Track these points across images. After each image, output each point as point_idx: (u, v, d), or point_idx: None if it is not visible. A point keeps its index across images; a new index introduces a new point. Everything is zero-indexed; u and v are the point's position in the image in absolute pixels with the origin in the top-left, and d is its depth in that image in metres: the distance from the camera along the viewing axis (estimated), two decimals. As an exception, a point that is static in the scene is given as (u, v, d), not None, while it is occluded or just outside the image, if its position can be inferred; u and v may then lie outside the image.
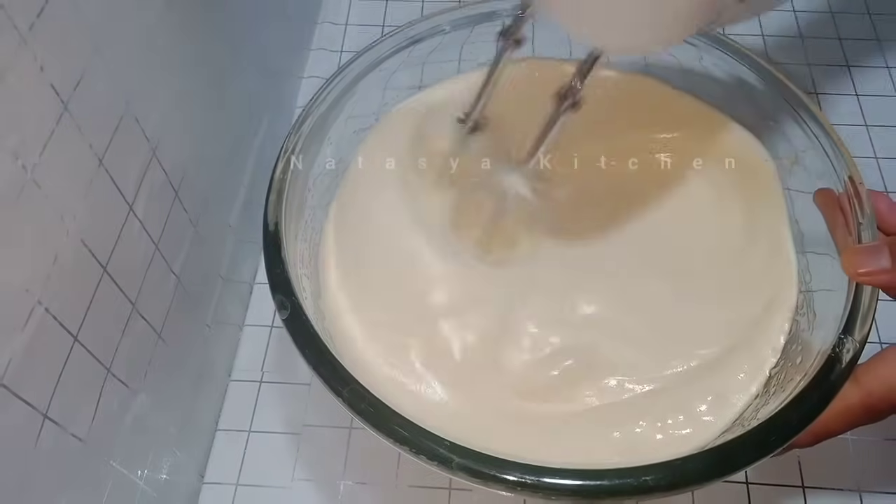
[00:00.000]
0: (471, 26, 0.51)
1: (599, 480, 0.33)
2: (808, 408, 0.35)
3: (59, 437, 0.33)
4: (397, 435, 0.35)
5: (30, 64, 0.29)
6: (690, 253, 0.46)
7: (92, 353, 0.35)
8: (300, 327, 0.38)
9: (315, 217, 0.47)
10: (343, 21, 0.73)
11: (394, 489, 0.49)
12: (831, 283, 0.40)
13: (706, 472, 0.34)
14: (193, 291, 0.46)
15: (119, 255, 0.37)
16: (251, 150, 0.56)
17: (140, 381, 0.41)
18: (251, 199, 0.55)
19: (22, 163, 0.29)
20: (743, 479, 0.48)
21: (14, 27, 0.28)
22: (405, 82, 0.51)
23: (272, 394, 0.53)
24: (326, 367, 0.37)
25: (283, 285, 0.40)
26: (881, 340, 0.52)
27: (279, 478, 0.50)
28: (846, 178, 0.42)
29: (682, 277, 0.45)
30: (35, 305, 0.30)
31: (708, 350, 0.43)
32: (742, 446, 0.35)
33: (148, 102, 0.39)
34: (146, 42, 0.39)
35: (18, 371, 0.29)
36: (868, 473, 0.48)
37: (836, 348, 0.36)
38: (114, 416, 0.38)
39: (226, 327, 0.53)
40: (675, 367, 0.42)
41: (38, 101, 0.30)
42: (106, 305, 0.36)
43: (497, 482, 0.34)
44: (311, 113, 0.46)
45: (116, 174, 0.36)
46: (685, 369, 0.42)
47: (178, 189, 0.43)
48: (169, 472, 0.45)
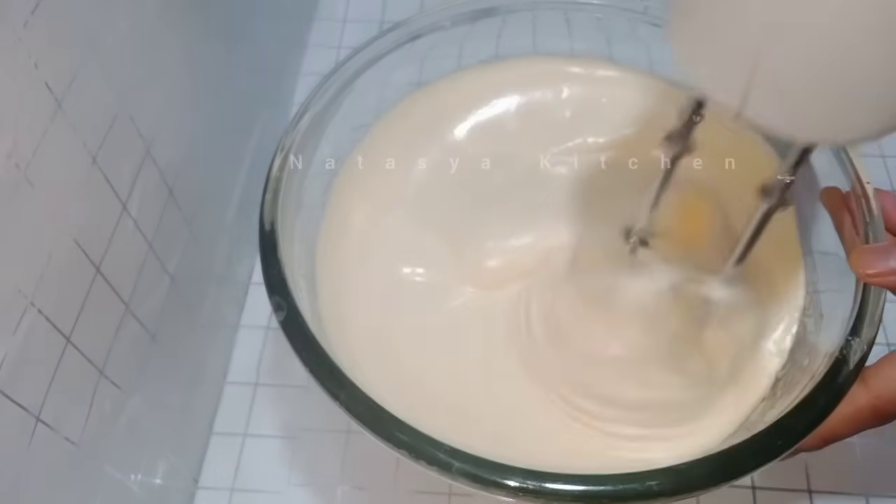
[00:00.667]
0: (470, 22, 0.50)
1: (603, 486, 0.33)
2: (814, 411, 0.35)
3: (52, 441, 0.33)
4: (396, 439, 0.34)
5: (24, 61, 0.29)
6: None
7: (85, 354, 0.35)
8: (297, 329, 0.38)
9: (312, 216, 0.47)
10: (341, 17, 0.73)
11: (392, 494, 0.48)
12: (838, 284, 0.40)
13: (712, 476, 0.33)
14: (188, 292, 0.46)
15: (112, 255, 0.37)
16: (247, 148, 0.56)
17: (134, 383, 0.40)
18: (247, 198, 0.55)
19: (15, 161, 0.29)
20: (749, 483, 0.47)
21: (8, 24, 0.28)
22: (404, 79, 0.51)
23: (268, 397, 0.53)
24: (323, 370, 0.37)
25: (279, 286, 0.39)
26: (888, 342, 0.52)
27: (275, 482, 0.49)
28: (853, 177, 0.41)
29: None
30: (28, 306, 0.30)
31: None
32: (748, 450, 0.34)
33: (142, 100, 0.39)
34: (141, 39, 0.39)
35: (10, 373, 0.29)
36: (875, 477, 0.47)
37: (844, 350, 0.36)
38: (107, 418, 0.38)
39: (221, 328, 0.53)
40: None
41: (31, 99, 0.30)
42: (99, 306, 0.36)
43: (498, 487, 0.33)
44: (309, 110, 0.46)
45: (110, 173, 0.36)
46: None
47: (172, 188, 0.43)
48: (163, 477, 0.45)
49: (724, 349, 0.43)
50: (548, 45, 0.52)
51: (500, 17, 0.50)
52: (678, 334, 0.44)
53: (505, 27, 0.51)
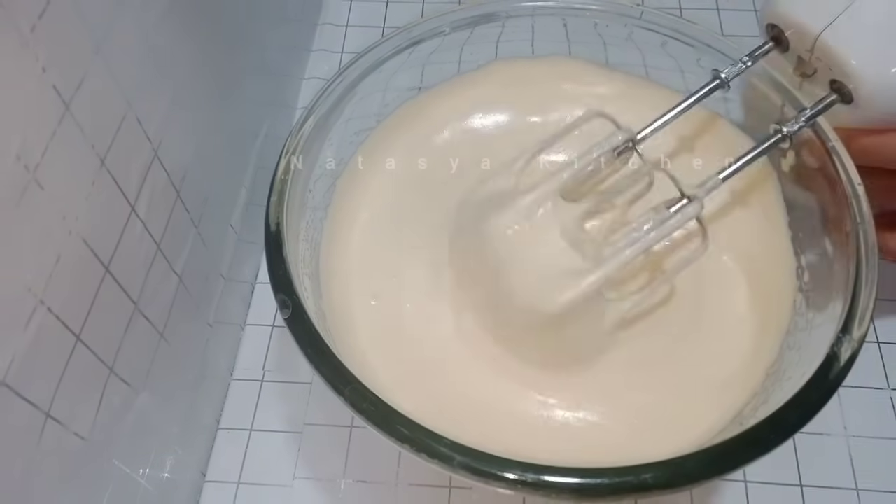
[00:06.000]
0: (471, 27, 0.51)
1: (599, 478, 0.34)
2: (806, 407, 0.35)
3: (62, 436, 0.33)
4: (398, 433, 0.35)
5: (32, 65, 0.29)
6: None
7: (94, 352, 0.35)
8: (302, 327, 0.39)
9: (316, 217, 0.47)
10: (344, 22, 0.73)
11: (394, 487, 0.49)
12: (829, 282, 0.40)
13: (705, 470, 0.34)
14: (195, 291, 0.46)
15: (121, 255, 0.37)
16: (252, 150, 0.56)
17: (142, 379, 0.41)
18: (253, 199, 0.55)
19: (24, 163, 0.29)
20: (741, 477, 0.48)
21: (16, 28, 0.28)
22: (405, 83, 0.51)
23: (273, 392, 0.53)
24: (328, 366, 0.37)
25: (284, 285, 0.40)
26: (879, 340, 0.52)
27: (280, 476, 0.50)
28: (845, 177, 0.42)
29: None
30: (37, 305, 0.30)
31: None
32: (741, 444, 0.35)
33: (150, 103, 0.39)
34: (148, 43, 0.39)
35: (21, 370, 0.29)
36: (867, 472, 0.48)
37: (835, 347, 0.37)
38: (116, 414, 0.38)
39: (227, 326, 0.54)
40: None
41: (39, 102, 0.30)
42: (108, 305, 0.36)
43: (497, 480, 0.34)
44: (312, 114, 0.46)
45: (118, 174, 0.36)
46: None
47: (179, 189, 0.43)
48: (171, 471, 0.45)
49: (717, 344, 0.44)
50: (546, 49, 0.52)
51: (499, 23, 0.51)
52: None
53: (504, 32, 0.52)
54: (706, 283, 0.46)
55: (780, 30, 0.44)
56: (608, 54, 0.52)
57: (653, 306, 0.46)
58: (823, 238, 0.43)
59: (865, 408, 0.50)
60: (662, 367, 0.44)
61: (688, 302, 0.46)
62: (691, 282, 0.46)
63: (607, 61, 0.53)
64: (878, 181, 0.41)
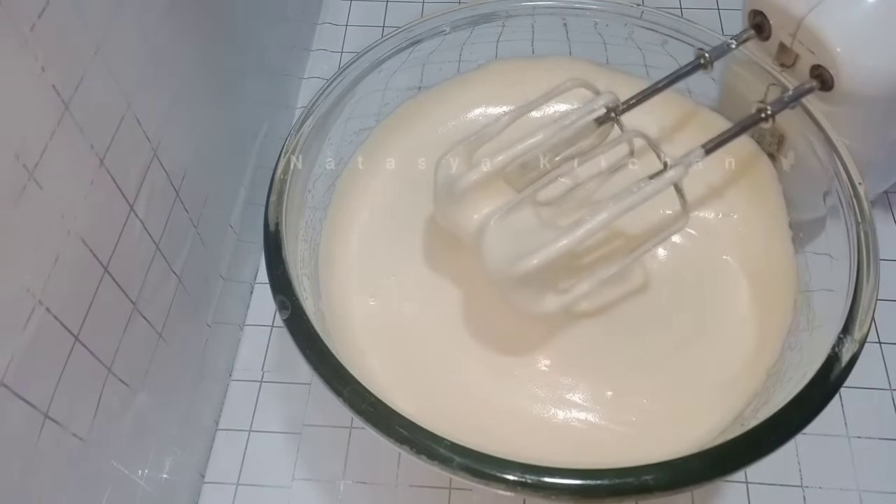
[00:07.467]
0: (471, 27, 0.51)
1: (600, 480, 0.34)
2: (808, 407, 0.35)
3: (60, 437, 0.33)
4: (397, 434, 0.35)
5: (31, 64, 0.29)
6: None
7: (93, 352, 0.35)
8: (301, 327, 0.39)
9: (315, 217, 0.47)
10: (343, 22, 0.73)
11: (394, 489, 0.49)
12: (831, 282, 0.40)
13: (706, 471, 0.34)
14: (194, 291, 0.46)
15: (120, 255, 0.37)
16: (252, 150, 0.56)
17: (141, 380, 0.41)
18: (252, 199, 0.55)
19: (23, 163, 0.29)
20: (743, 478, 0.48)
21: (15, 28, 0.28)
22: (405, 83, 0.51)
23: (272, 393, 0.53)
24: (327, 367, 0.37)
25: (283, 285, 0.40)
26: (880, 340, 0.52)
27: (279, 477, 0.50)
28: (845, 177, 0.42)
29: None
30: (36, 305, 0.30)
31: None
32: (742, 446, 0.35)
33: (149, 103, 0.39)
34: (147, 43, 0.39)
35: (19, 371, 0.29)
36: (868, 473, 0.48)
37: (836, 348, 0.37)
38: (115, 415, 0.38)
39: (226, 327, 0.54)
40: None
41: (39, 102, 0.30)
42: (107, 305, 0.36)
43: (497, 481, 0.34)
44: (312, 113, 0.46)
45: (117, 174, 0.36)
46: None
47: (179, 189, 0.43)
48: (169, 472, 0.45)
49: (719, 344, 0.44)
50: (546, 49, 0.52)
51: (499, 23, 0.51)
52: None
53: (504, 32, 0.52)
54: (708, 284, 0.46)
55: (763, 17, 0.45)
56: (608, 54, 0.52)
57: (644, 281, 0.46)
58: (824, 238, 0.42)
59: (867, 408, 0.50)
60: (663, 368, 0.44)
61: (690, 302, 0.46)
62: (693, 282, 0.46)
63: (607, 61, 0.53)
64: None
